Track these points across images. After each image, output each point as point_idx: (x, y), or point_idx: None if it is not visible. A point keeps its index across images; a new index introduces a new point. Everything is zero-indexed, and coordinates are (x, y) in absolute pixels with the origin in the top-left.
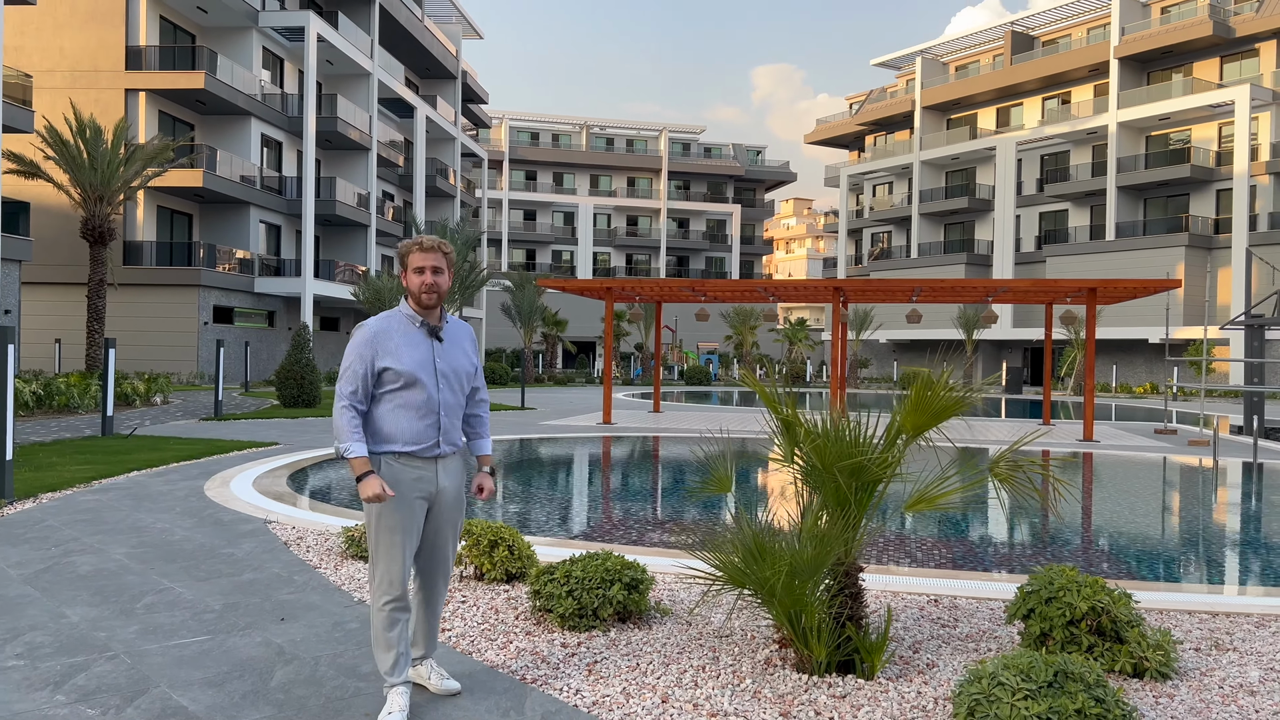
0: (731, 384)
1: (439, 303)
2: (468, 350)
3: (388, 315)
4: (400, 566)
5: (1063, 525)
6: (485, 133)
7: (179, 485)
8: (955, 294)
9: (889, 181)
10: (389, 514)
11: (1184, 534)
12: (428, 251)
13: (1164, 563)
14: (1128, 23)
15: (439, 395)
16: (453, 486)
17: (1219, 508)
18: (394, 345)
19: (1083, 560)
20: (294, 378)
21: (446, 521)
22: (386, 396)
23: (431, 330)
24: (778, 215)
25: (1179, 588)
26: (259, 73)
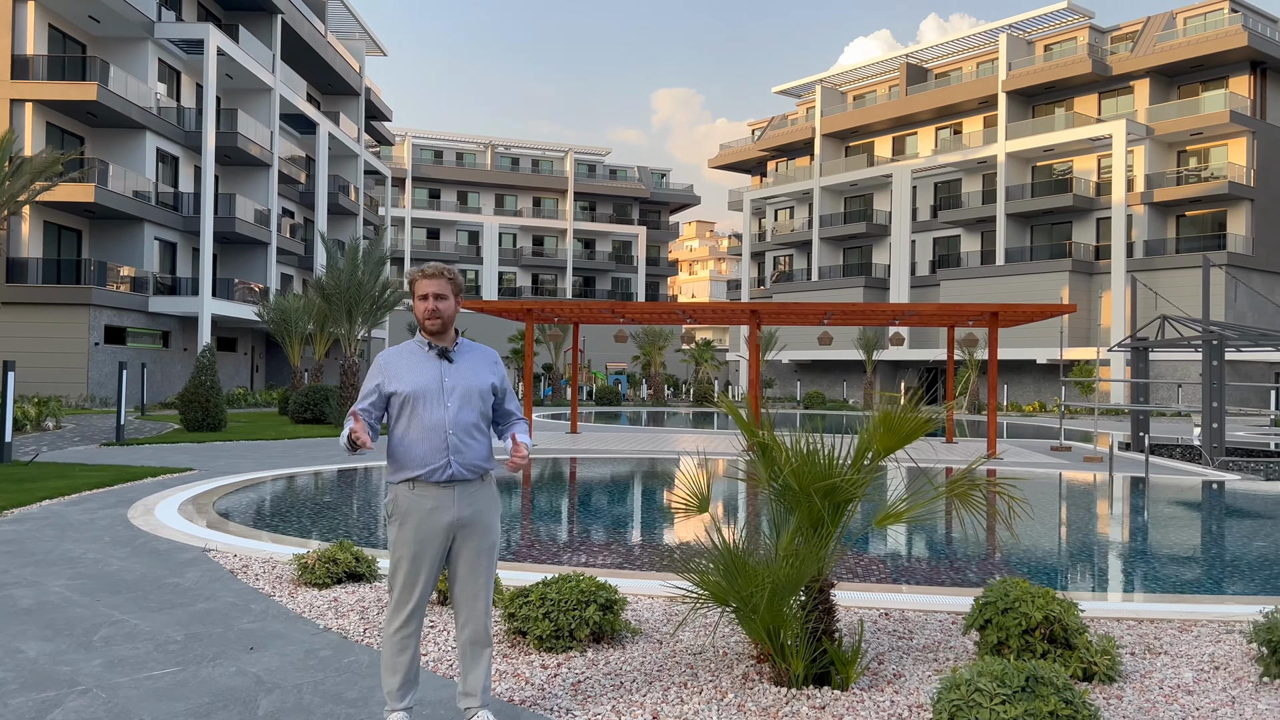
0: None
1: (445, 328)
2: (482, 370)
3: (402, 345)
4: (411, 596)
5: (987, 540)
6: (388, 150)
7: (100, 514)
8: (865, 317)
9: (790, 206)
10: (402, 542)
11: (1098, 546)
12: (430, 278)
13: (1086, 574)
14: (1014, 58)
15: (445, 413)
16: (476, 515)
17: (1124, 521)
18: (400, 370)
19: (1008, 572)
20: (198, 400)
21: (474, 552)
22: (398, 422)
23: (441, 352)
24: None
25: (1103, 597)
26: (155, 85)
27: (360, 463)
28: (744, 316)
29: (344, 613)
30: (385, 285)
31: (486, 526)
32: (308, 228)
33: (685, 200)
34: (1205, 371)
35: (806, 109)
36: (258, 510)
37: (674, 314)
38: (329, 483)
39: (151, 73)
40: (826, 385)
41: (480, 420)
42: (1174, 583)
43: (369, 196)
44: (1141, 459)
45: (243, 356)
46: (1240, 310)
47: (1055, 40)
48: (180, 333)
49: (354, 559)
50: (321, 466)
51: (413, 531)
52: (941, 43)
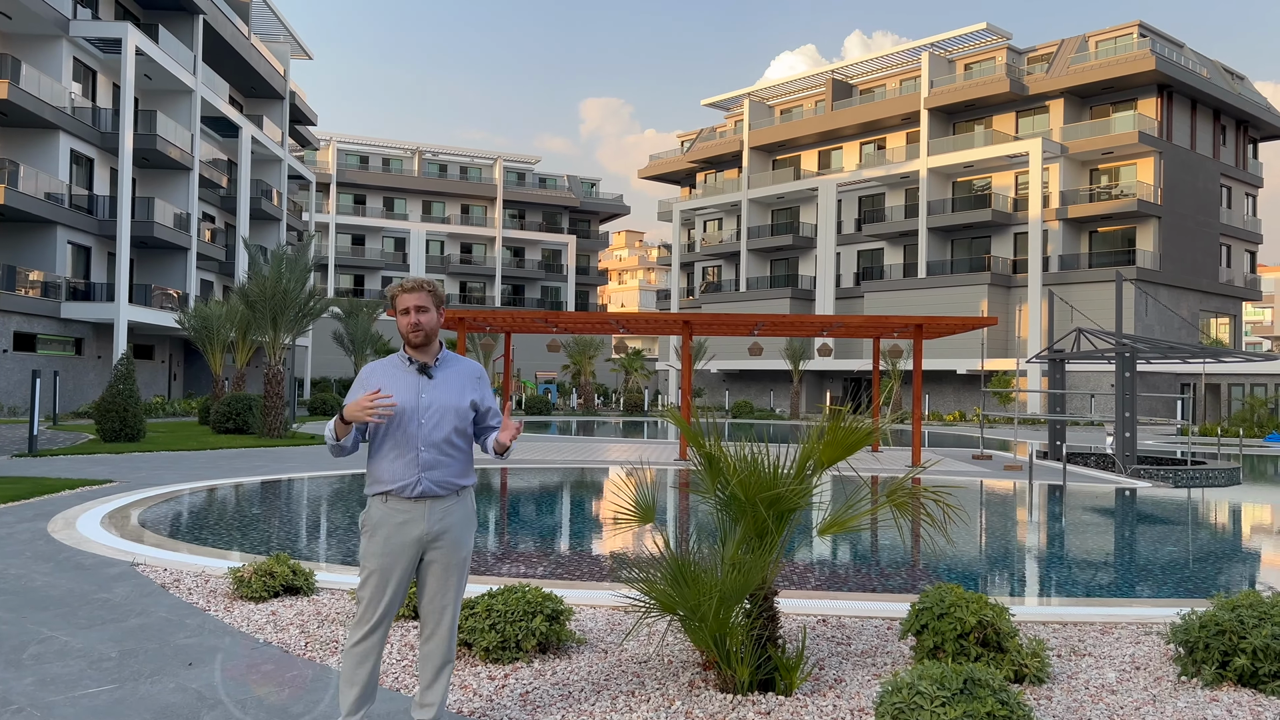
0: (570, 413)
1: (427, 341)
2: (465, 387)
3: (385, 359)
4: (376, 609)
5: (915, 547)
6: (313, 154)
7: (18, 528)
8: (795, 328)
9: (719, 218)
10: (371, 554)
11: (1022, 552)
12: (410, 292)
13: (1012, 579)
14: (935, 76)
15: (419, 429)
16: (446, 531)
17: (1043, 528)
18: (380, 383)
19: (937, 579)
20: (115, 410)
21: (442, 567)
22: (375, 436)
23: (422, 367)
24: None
25: (1030, 601)
26: (69, 84)
27: (285, 474)
28: (677, 327)
29: (283, 626)
30: (311, 293)
31: (458, 542)
32: (229, 233)
33: (615, 210)
34: (1118, 382)
35: (735, 121)
36: (185, 523)
37: (607, 324)
38: (255, 494)
39: (66, 71)
40: (754, 394)
41: (455, 436)
42: (1094, 587)
43: (293, 201)
44: (1059, 467)
45: (160, 364)
46: (1149, 323)
47: (975, 60)
48: (94, 340)
49: (291, 572)
50: (246, 478)
51: (382, 544)
52: (866, 59)
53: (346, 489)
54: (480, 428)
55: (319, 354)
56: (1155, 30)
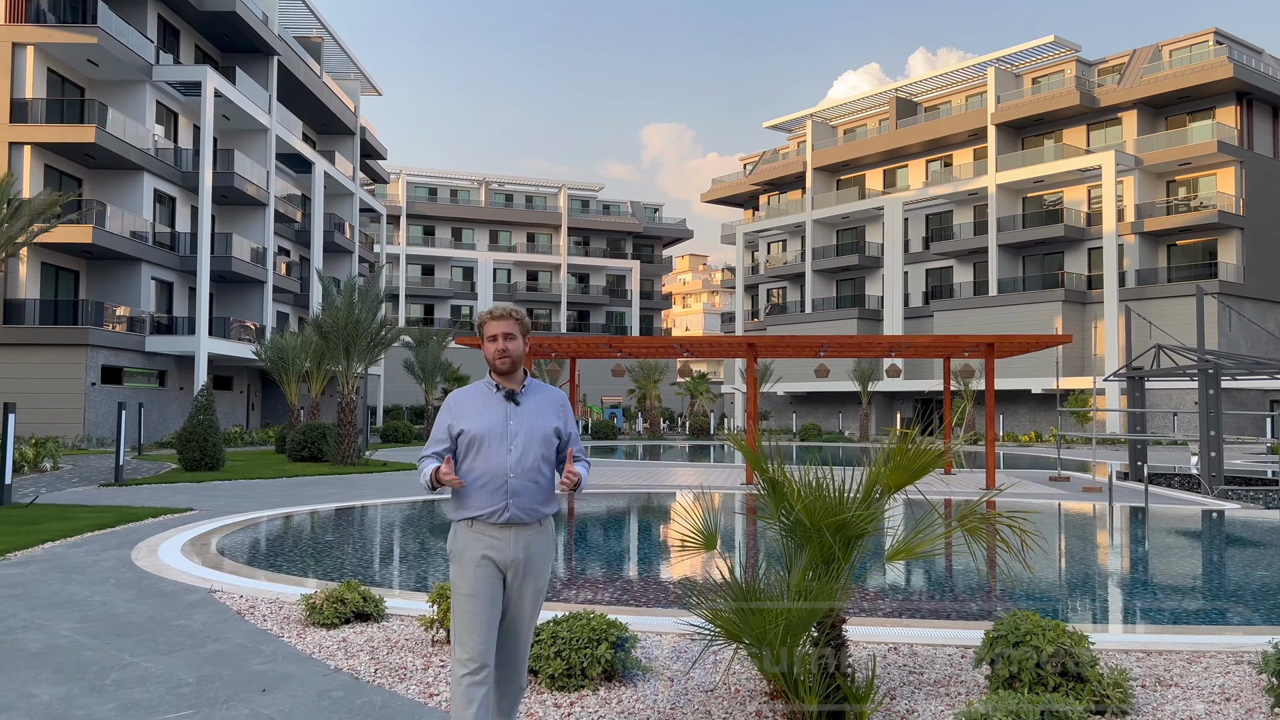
0: (636, 437)
1: (513, 368)
2: (548, 414)
3: (472, 385)
4: (476, 637)
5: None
6: (383, 188)
7: (103, 556)
8: (861, 349)
9: (783, 239)
10: (463, 580)
11: (1103, 577)
12: (498, 319)
13: (1093, 606)
14: (1002, 91)
15: (508, 456)
16: (529, 559)
17: (1125, 552)
18: (468, 411)
19: (1013, 605)
20: (196, 440)
21: (521, 595)
22: (463, 461)
23: (509, 394)
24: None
25: (1111, 629)
26: (152, 127)
27: (357, 501)
28: (741, 350)
29: (354, 653)
30: (382, 323)
31: (537, 571)
32: (303, 266)
33: (678, 234)
34: (1202, 400)
35: (797, 143)
36: (261, 550)
37: (671, 348)
38: (328, 521)
39: (149, 114)
40: (822, 417)
41: (542, 464)
42: (1180, 614)
43: (364, 234)
44: (1140, 488)
45: (239, 395)
46: (1234, 338)
47: (1043, 73)
48: (176, 372)
49: (362, 599)
50: (319, 505)
51: (471, 570)
52: (931, 76)
53: (417, 515)
54: (561, 456)
55: (391, 382)
56: (1231, 37)
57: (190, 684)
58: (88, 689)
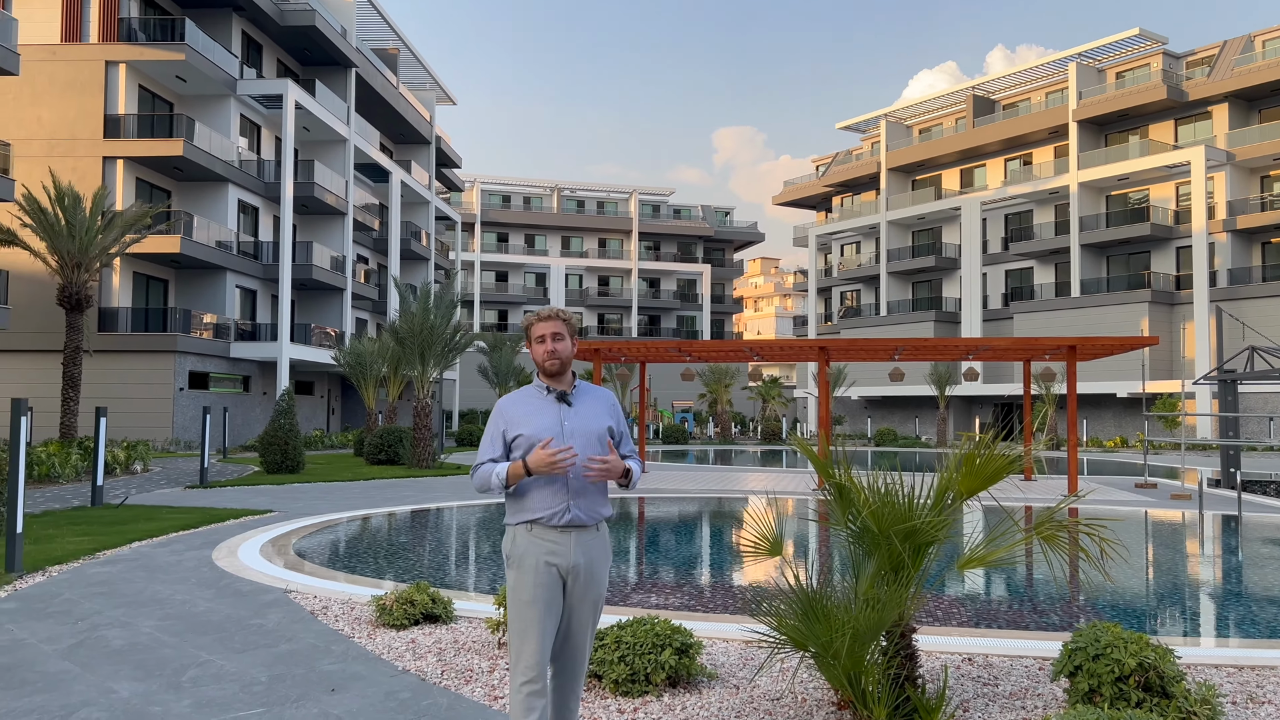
0: (707, 442)
1: (563, 369)
2: (601, 412)
3: (521, 390)
4: (536, 644)
5: (1072, 582)
6: (458, 196)
7: (186, 556)
8: (937, 352)
9: (856, 241)
10: (523, 586)
11: (1190, 588)
12: (545, 321)
13: (1180, 618)
14: (1084, 87)
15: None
16: (589, 565)
17: (1216, 562)
18: (521, 414)
19: (1095, 616)
20: (278, 443)
21: (581, 601)
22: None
23: (560, 395)
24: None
25: (1200, 642)
26: (236, 139)
27: (431, 504)
28: (812, 353)
29: (421, 654)
30: (456, 328)
31: (597, 577)
32: (381, 273)
33: (749, 238)
34: None
35: (871, 144)
36: (335, 551)
37: (741, 351)
38: (404, 523)
39: (234, 127)
40: (898, 422)
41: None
42: (1277, 627)
43: (440, 241)
44: (1233, 496)
45: (319, 399)
46: None
47: (1127, 67)
48: (260, 377)
49: (430, 600)
50: (396, 507)
51: (531, 574)
52: (1009, 73)
53: (490, 518)
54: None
55: (466, 387)
56: None
57: (262, 682)
58: (165, 686)
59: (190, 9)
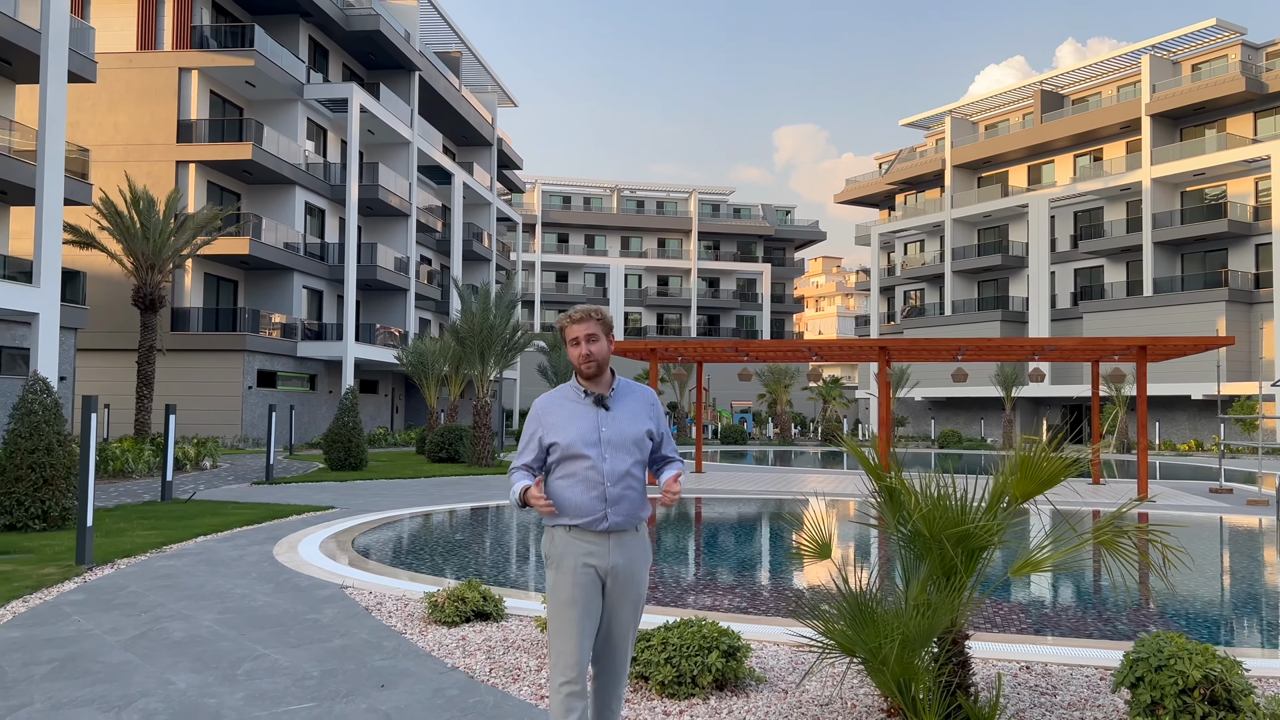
0: (766, 443)
1: (600, 370)
2: (640, 415)
3: (558, 390)
4: (574, 645)
5: (1144, 590)
6: (519, 197)
7: (248, 550)
8: (1001, 352)
9: (920, 239)
10: (562, 586)
11: (1264, 598)
12: (579, 322)
13: (1252, 628)
14: (1158, 80)
15: (604, 465)
16: (628, 566)
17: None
18: (558, 420)
19: (1161, 625)
20: (341, 441)
21: (621, 602)
22: (556, 469)
23: (598, 399)
24: (807, 273)
25: (1274, 654)
26: (303, 143)
27: (488, 502)
28: (872, 353)
29: (471, 652)
30: (516, 328)
31: (637, 578)
32: (444, 274)
33: (810, 236)
34: None
35: (936, 140)
36: (393, 547)
37: (799, 351)
38: (461, 521)
39: (301, 131)
40: (963, 423)
41: (637, 469)
42: None
43: (501, 242)
44: None
45: (383, 398)
46: None
47: (1204, 59)
48: (326, 376)
49: (481, 598)
50: (454, 505)
51: (570, 575)
52: (1079, 67)
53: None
54: (654, 457)
55: (526, 386)
56: None
57: (314, 677)
58: (221, 678)
59: (259, 15)
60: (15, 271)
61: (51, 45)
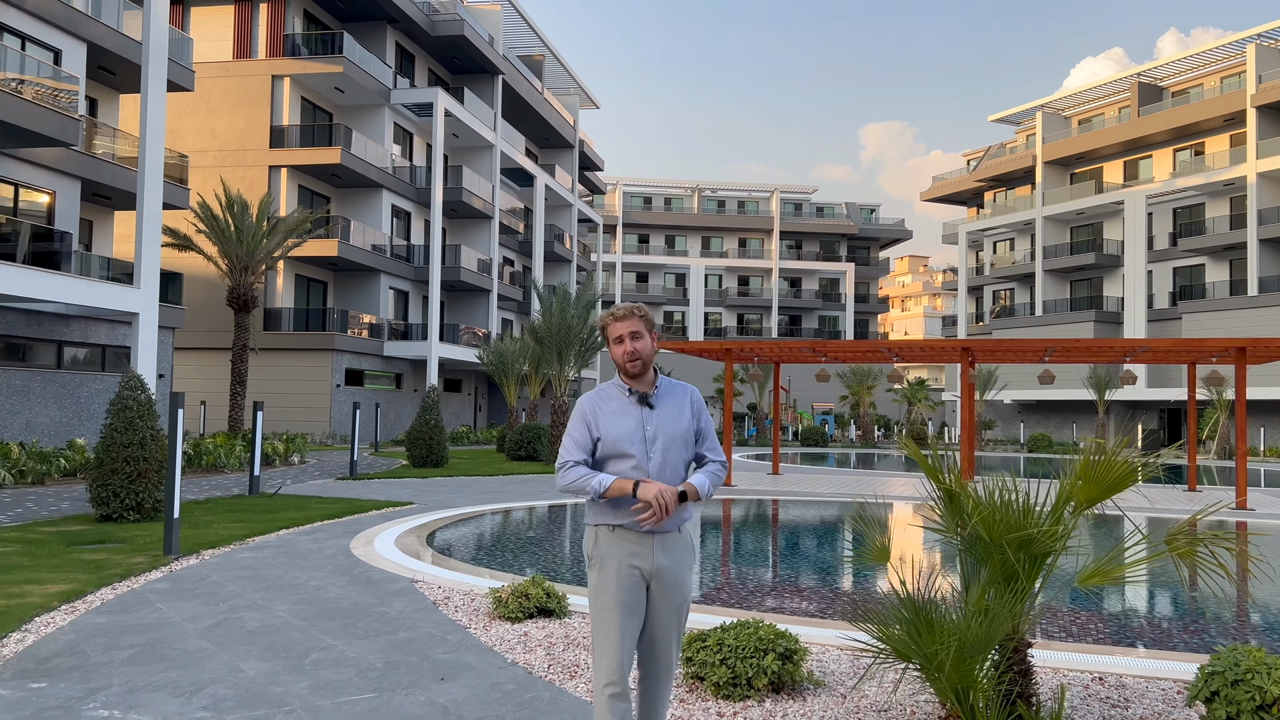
0: (848, 445)
1: (644, 369)
2: (684, 413)
3: (602, 387)
4: (618, 647)
5: (1233, 603)
6: (600, 198)
7: (326, 544)
8: (1090, 354)
9: (1010, 238)
10: (605, 588)
11: None
12: (622, 320)
13: None
14: (1264, 70)
15: (648, 464)
16: (673, 567)
17: None
18: (602, 418)
19: (1253, 639)
20: (423, 438)
21: (665, 604)
22: (599, 468)
23: (642, 398)
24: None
25: None
26: (390, 147)
27: (562, 500)
28: (954, 354)
29: (532, 648)
30: (593, 328)
31: (682, 580)
32: (526, 275)
33: (896, 235)
34: None
35: (1026, 136)
36: (465, 543)
37: (878, 352)
38: (534, 519)
39: (387, 135)
40: (1054, 427)
41: (682, 468)
42: None
43: (582, 243)
44: None
45: (467, 397)
46: None
47: None
48: (411, 375)
49: (545, 594)
50: (531, 502)
51: (614, 576)
52: (1179, 58)
53: None
54: (696, 453)
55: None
56: None
57: (378, 668)
58: (288, 667)
59: (348, 23)
60: (118, 273)
61: (152, 56)
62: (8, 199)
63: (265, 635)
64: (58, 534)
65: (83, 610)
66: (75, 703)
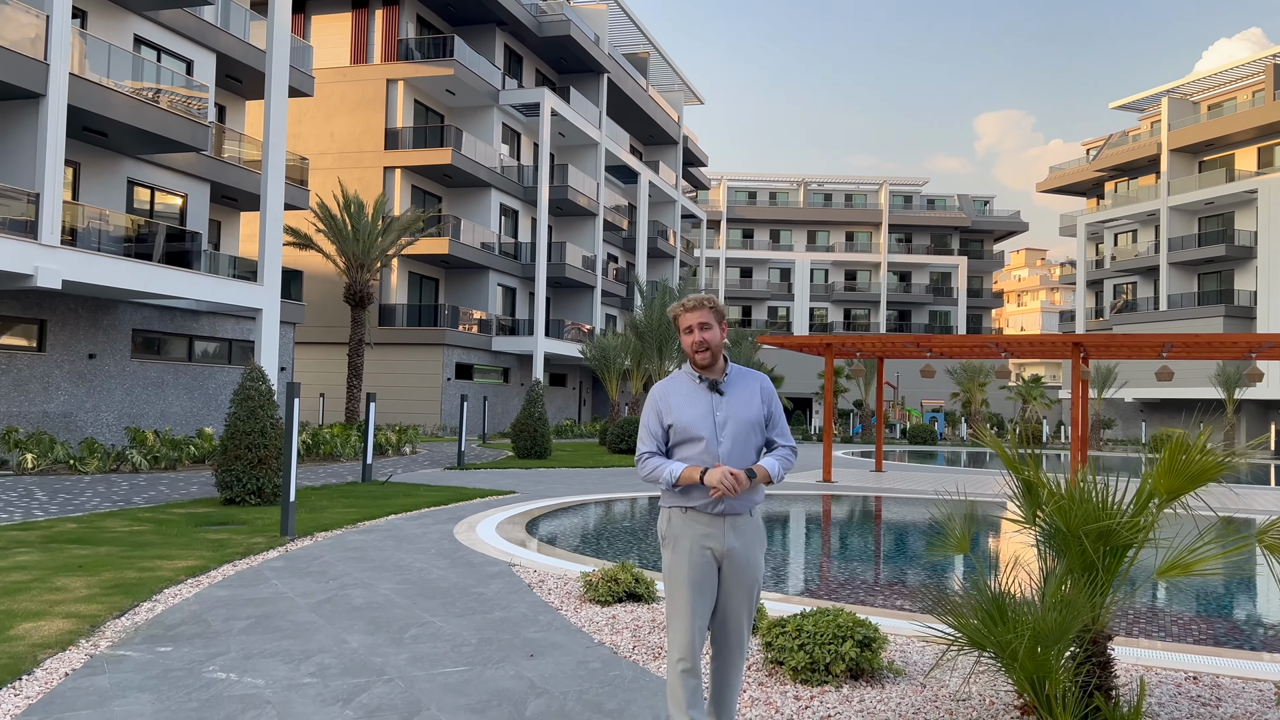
0: (959, 444)
1: (714, 359)
2: (754, 400)
3: (673, 376)
4: (689, 626)
5: None
6: (704, 194)
7: (431, 529)
8: (1211, 349)
9: (1132, 229)
10: (678, 567)
11: None
12: (692, 310)
13: None
14: None
15: (718, 448)
16: (745, 549)
17: None
18: (675, 404)
19: None
20: (528, 430)
21: (736, 585)
22: (672, 454)
23: (712, 385)
24: (1008, 267)
25: None
26: (498, 147)
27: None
28: (1066, 349)
29: (619, 629)
30: None
31: (751, 562)
32: (629, 271)
33: (1011, 228)
34: None
35: (1150, 123)
36: (562, 531)
37: (985, 347)
38: (629, 509)
39: (496, 135)
40: (1178, 427)
41: (753, 453)
42: None
43: (685, 239)
44: None
45: (571, 391)
46: None
47: None
48: (518, 369)
49: (634, 579)
50: (628, 494)
51: (686, 555)
52: None
53: None
54: (767, 439)
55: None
56: None
57: (472, 644)
58: (389, 641)
59: (459, 26)
60: (243, 271)
61: (275, 64)
62: (145, 202)
63: (370, 611)
64: (186, 515)
65: (206, 584)
66: (197, 665)
